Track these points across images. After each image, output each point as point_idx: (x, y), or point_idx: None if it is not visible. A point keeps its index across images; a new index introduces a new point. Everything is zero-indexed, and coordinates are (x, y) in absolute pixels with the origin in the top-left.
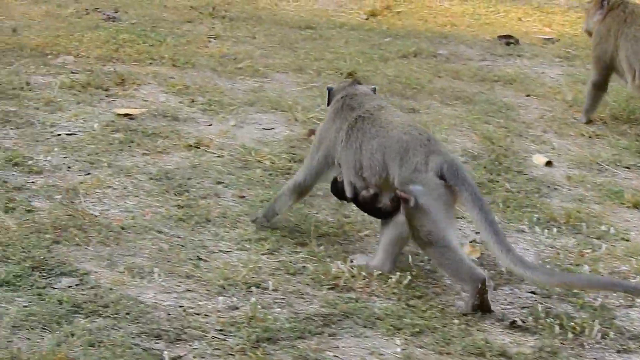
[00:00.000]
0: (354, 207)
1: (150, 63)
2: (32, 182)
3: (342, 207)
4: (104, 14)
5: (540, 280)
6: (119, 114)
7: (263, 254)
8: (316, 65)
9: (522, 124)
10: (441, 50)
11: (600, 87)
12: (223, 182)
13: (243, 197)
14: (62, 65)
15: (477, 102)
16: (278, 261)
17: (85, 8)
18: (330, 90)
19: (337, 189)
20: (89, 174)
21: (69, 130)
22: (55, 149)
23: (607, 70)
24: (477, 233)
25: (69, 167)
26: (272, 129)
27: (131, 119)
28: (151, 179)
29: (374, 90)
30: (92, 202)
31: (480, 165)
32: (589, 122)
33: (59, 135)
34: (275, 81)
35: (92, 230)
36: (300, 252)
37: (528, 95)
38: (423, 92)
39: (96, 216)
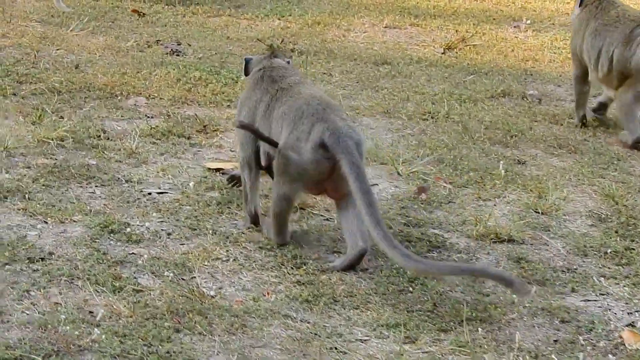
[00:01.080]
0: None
1: (229, 105)
2: (134, 253)
3: (477, 284)
4: (167, 47)
5: (397, 260)
6: (209, 169)
7: (404, 343)
8: (404, 108)
9: (639, 178)
10: (530, 90)
11: (580, 80)
12: (340, 251)
13: (366, 269)
14: (135, 109)
15: (584, 151)
16: (423, 352)
17: (146, 41)
18: (248, 61)
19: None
20: (192, 241)
21: (160, 188)
22: (150, 212)
23: (581, 63)
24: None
25: (169, 234)
26: (376, 184)
27: (223, 173)
28: (261, 247)
29: (289, 62)
30: (204, 279)
31: (611, 230)
32: (583, 121)
33: (150, 194)
34: (364, 127)
35: (213, 315)
36: (445, 339)
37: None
38: (525, 140)
39: (213, 297)
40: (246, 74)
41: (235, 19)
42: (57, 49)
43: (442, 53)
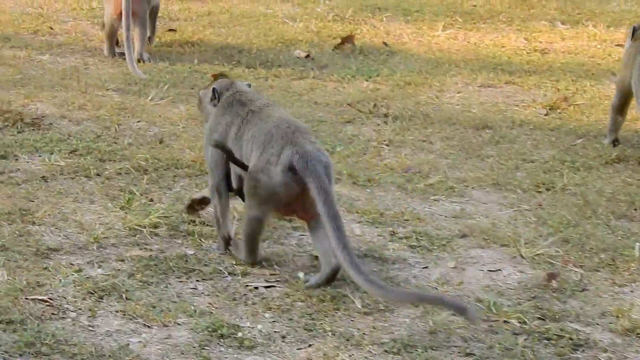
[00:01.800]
0: None
1: None
2: None
3: None
4: None
5: (364, 287)
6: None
7: None
8: (515, 179)
9: None
10: None
11: (618, 110)
12: (473, 354)
13: None
14: None
15: None
16: None
17: None
18: (215, 89)
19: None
20: (310, 345)
21: (267, 282)
22: (260, 311)
23: (624, 94)
24: None
25: (284, 337)
26: (499, 270)
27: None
28: (386, 351)
29: (249, 86)
30: None
31: None
32: (615, 143)
33: (256, 288)
34: (475, 202)
35: None
36: None
37: None
38: None
39: None
40: (218, 101)
41: (321, 82)
42: (138, 121)
43: (545, 114)
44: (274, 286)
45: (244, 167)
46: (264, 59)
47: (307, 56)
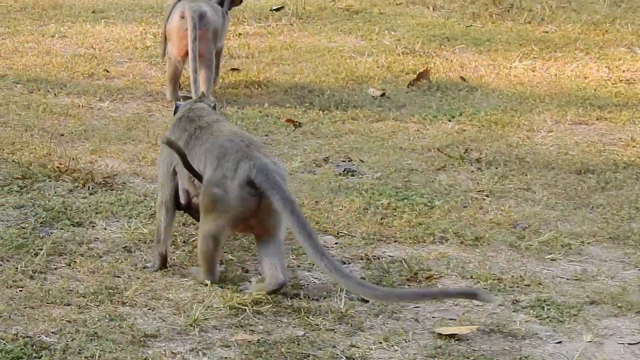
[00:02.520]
0: None
1: (432, 241)
2: None
3: None
4: (338, 166)
5: (350, 287)
6: (441, 334)
7: None
8: (633, 232)
9: None
10: None
11: None
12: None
13: None
14: (325, 248)
15: None
16: None
17: (312, 159)
18: (177, 106)
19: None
20: None
21: None
22: None
23: None
24: None
25: None
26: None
27: (457, 339)
28: None
29: (214, 107)
30: None
31: None
32: None
33: None
34: (596, 260)
35: None
36: None
37: None
38: None
39: None
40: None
41: (401, 124)
42: None
43: None
44: None
45: (197, 176)
46: (337, 99)
47: (383, 94)
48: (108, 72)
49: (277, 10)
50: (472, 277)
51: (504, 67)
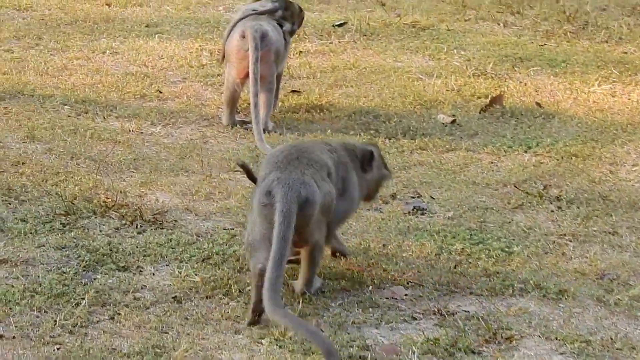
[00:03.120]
0: None
1: (511, 293)
2: None
3: None
4: (407, 203)
5: (267, 308)
6: None
7: None
8: None
9: None
10: None
11: None
12: None
13: None
14: (395, 304)
15: None
16: None
17: (379, 195)
18: None
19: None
20: None
21: None
22: None
23: None
24: None
25: None
26: None
27: None
28: None
29: None
30: None
31: None
32: None
33: None
34: None
35: None
36: None
37: None
38: None
39: None
40: None
41: (474, 154)
42: None
43: None
44: None
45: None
46: (405, 126)
47: (453, 121)
48: (161, 92)
49: (339, 26)
50: (556, 339)
51: (582, 92)
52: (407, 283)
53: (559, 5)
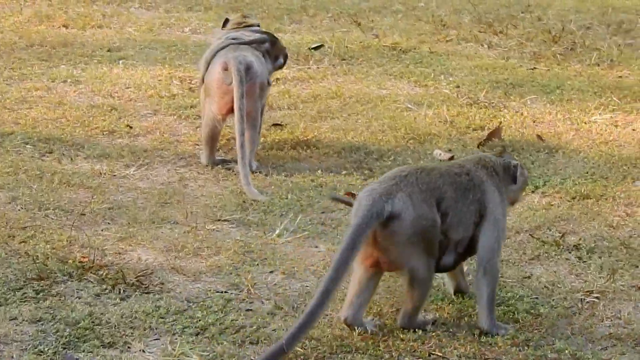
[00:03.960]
0: None
1: None
2: None
3: None
4: None
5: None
6: None
7: None
8: None
9: None
10: None
11: None
12: None
13: None
14: None
15: None
16: None
17: None
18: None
19: None
20: None
21: None
22: None
23: None
24: None
25: None
26: None
27: None
28: None
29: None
30: None
31: None
32: None
33: None
34: None
35: None
36: None
37: None
38: None
39: None
40: None
41: None
42: (270, 271)
43: None
44: None
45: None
46: (400, 164)
47: (451, 158)
48: (131, 128)
49: (316, 49)
50: None
51: (582, 122)
52: (429, 355)
53: (542, 23)
